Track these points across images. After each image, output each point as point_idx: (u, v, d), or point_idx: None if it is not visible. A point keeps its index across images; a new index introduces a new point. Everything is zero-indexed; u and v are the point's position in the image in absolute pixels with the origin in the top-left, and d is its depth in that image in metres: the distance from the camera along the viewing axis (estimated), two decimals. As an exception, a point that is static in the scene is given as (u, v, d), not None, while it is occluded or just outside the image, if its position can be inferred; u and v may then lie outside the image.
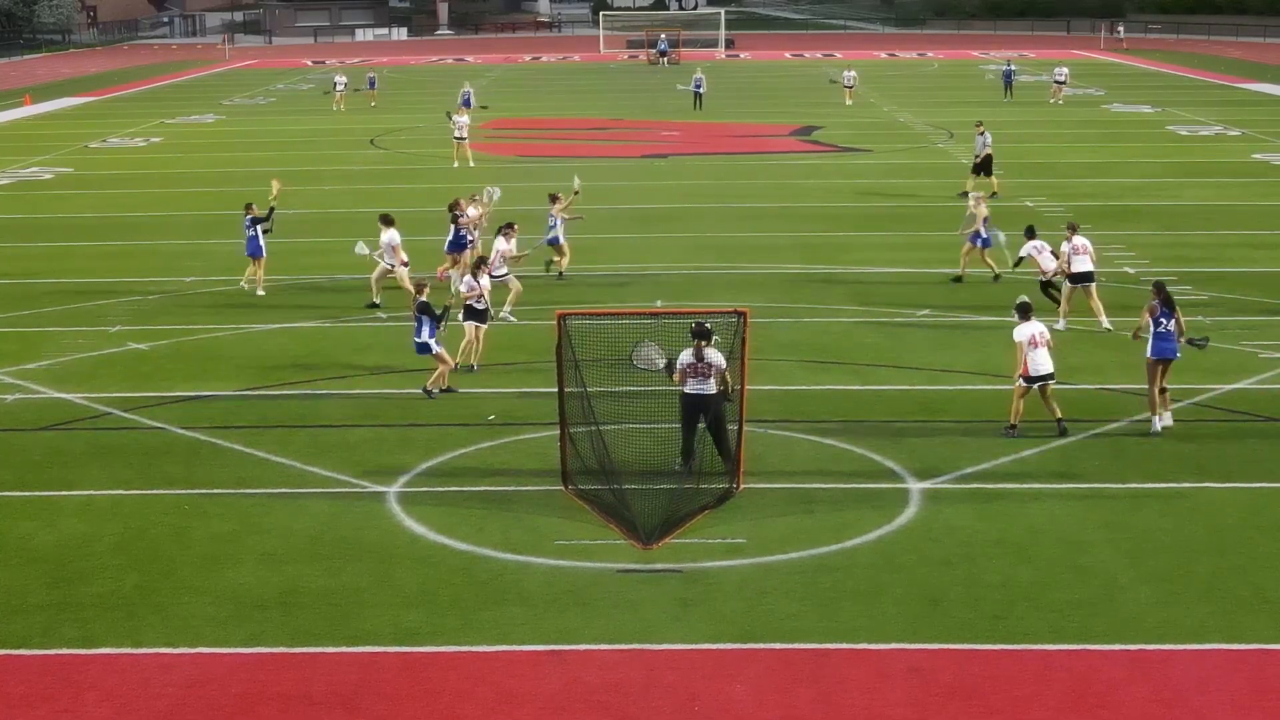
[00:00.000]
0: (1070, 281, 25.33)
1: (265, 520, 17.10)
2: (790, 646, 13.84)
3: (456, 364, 22.58)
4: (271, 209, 29.14)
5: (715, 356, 17.91)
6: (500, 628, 14.26)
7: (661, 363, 18.09)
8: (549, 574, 15.51)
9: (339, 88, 68.36)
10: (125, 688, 13.22)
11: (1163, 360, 19.91)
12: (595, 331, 19.18)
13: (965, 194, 39.22)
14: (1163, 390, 20.01)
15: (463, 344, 22.94)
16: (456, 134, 47.78)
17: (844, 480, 18.28)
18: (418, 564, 15.79)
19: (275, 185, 30.43)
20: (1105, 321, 25.19)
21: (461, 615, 14.56)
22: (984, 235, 28.48)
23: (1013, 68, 70.64)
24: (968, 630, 14.12)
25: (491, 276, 24.56)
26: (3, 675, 13.49)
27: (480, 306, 22.94)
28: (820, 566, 15.63)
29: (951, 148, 51.27)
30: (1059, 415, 19.81)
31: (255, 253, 28.55)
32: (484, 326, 23.10)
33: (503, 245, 26.30)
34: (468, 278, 23.08)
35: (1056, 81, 67.59)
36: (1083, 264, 25.19)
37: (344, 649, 13.89)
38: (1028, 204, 38.73)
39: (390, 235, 27.40)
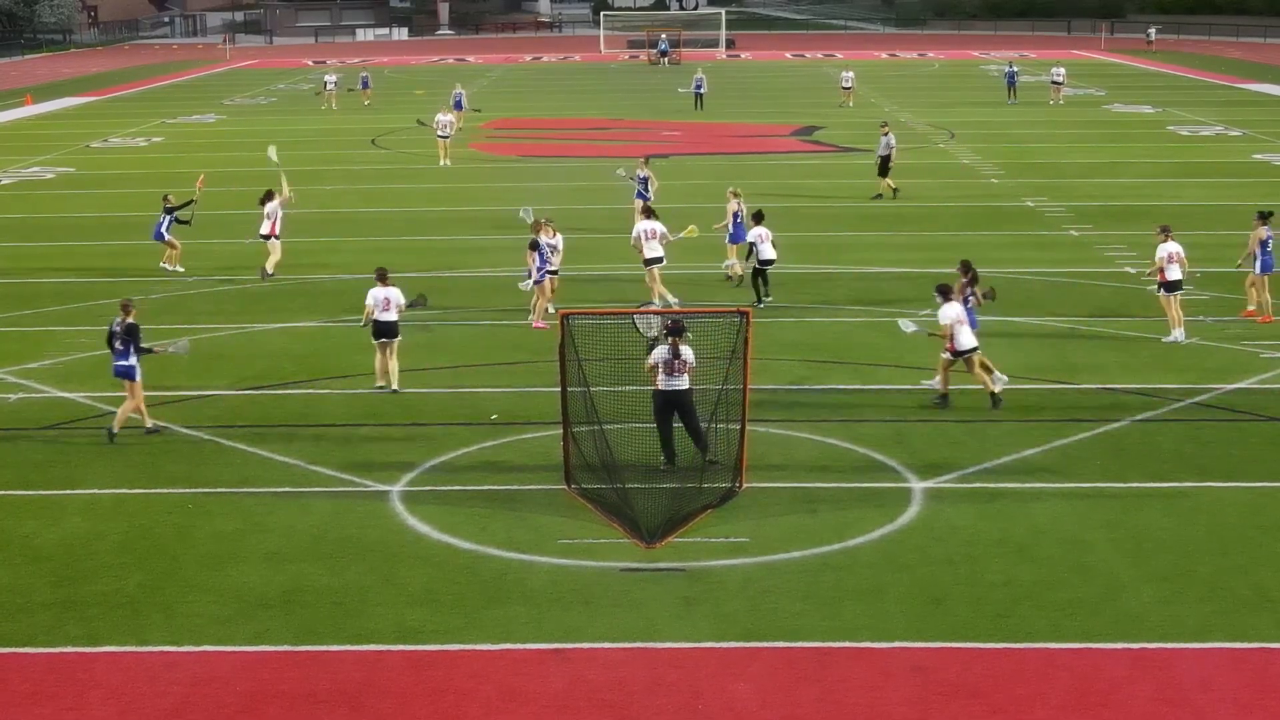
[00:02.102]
0: (1166, 290, 24.53)
1: (269, 519, 17.13)
2: (793, 645, 13.87)
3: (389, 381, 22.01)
4: (189, 202, 31.18)
5: (689, 353, 18.10)
6: (504, 626, 14.29)
7: (654, 333, 18.22)
8: (552, 573, 15.54)
9: (329, 87, 68.19)
10: (129, 686, 13.25)
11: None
12: (598, 331, 19.23)
13: (879, 196, 39.49)
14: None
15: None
16: (440, 133, 48.22)
17: (846, 479, 18.32)
18: (421, 563, 15.82)
19: (200, 180, 32.79)
20: (1178, 333, 24.54)
21: (465, 614, 14.59)
22: (732, 230, 28.86)
23: (1015, 69, 70.37)
24: (970, 629, 14.15)
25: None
26: (8, 673, 13.52)
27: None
28: (823, 565, 15.66)
29: (952, 148, 51.29)
30: (993, 389, 20.87)
31: (158, 238, 31.07)
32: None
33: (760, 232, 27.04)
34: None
35: (1054, 83, 67.56)
36: (1174, 272, 24.45)
37: (348, 647, 13.92)
38: (1029, 204, 38.77)
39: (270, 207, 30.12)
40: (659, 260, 27.01)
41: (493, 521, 16.94)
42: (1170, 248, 24.60)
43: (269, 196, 30.43)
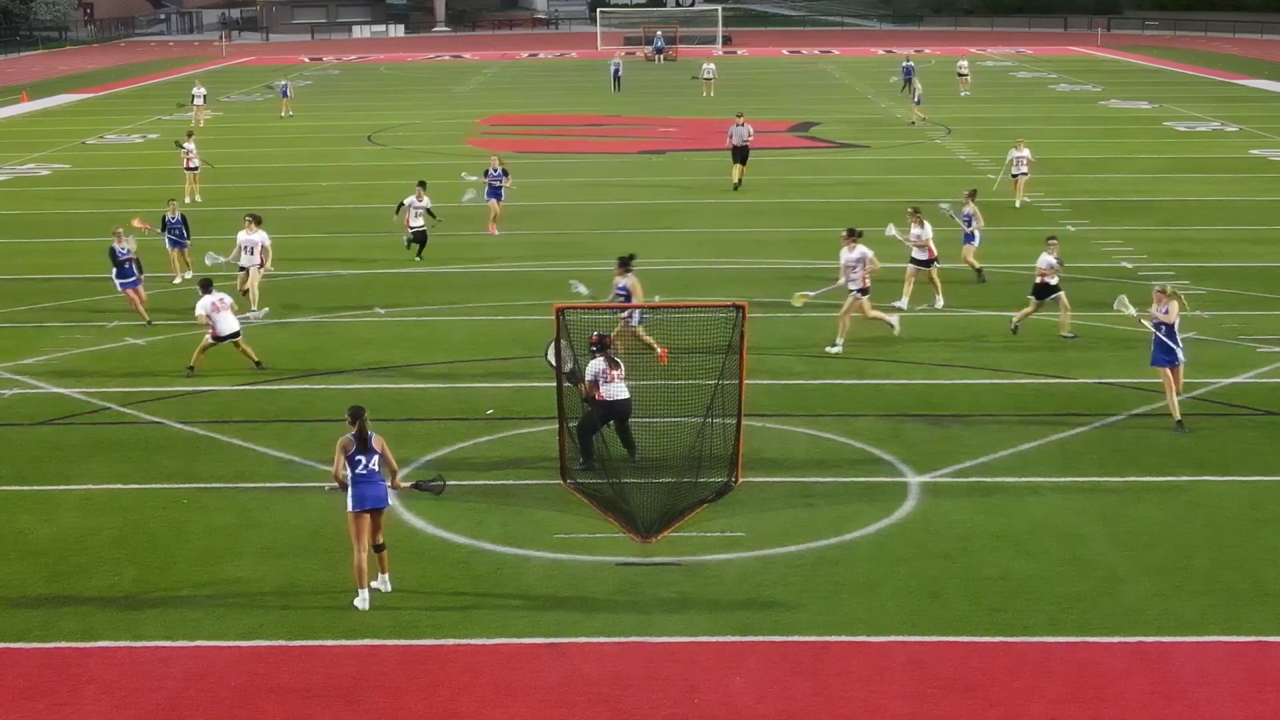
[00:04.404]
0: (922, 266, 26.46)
1: (264, 514, 17.10)
2: (789, 639, 13.84)
3: None
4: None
5: (620, 361, 18.17)
6: (499, 621, 14.26)
7: (569, 366, 17.99)
8: (548, 567, 15.51)
9: (286, 93, 65.70)
10: (124, 681, 13.21)
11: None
12: (593, 325, 19.19)
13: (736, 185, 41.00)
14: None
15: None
16: (188, 164, 40.19)
17: (842, 474, 18.28)
18: (417, 557, 15.78)
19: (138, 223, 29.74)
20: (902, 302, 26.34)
21: (460, 608, 14.56)
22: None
23: (912, 64, 70.75)
24: (967, 623, 14.12)
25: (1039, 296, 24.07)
26: (2, 668, 13.48)
27: None
28: (819, 559, 15.63)
29: (948, 143, 51.25)
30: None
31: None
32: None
33: (1048, 260, 24.09)
34: None
35: (959, 75, 68.99)
36: (920, 254, 26.40)
37: (343, 642, 13.89)
38: (1025, 199, 38.69)
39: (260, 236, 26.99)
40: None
41: (488, 516, 16.91)
42: (923, 231, 26.35)
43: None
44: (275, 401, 21.71)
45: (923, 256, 26.46)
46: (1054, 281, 24.25)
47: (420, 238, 31.32)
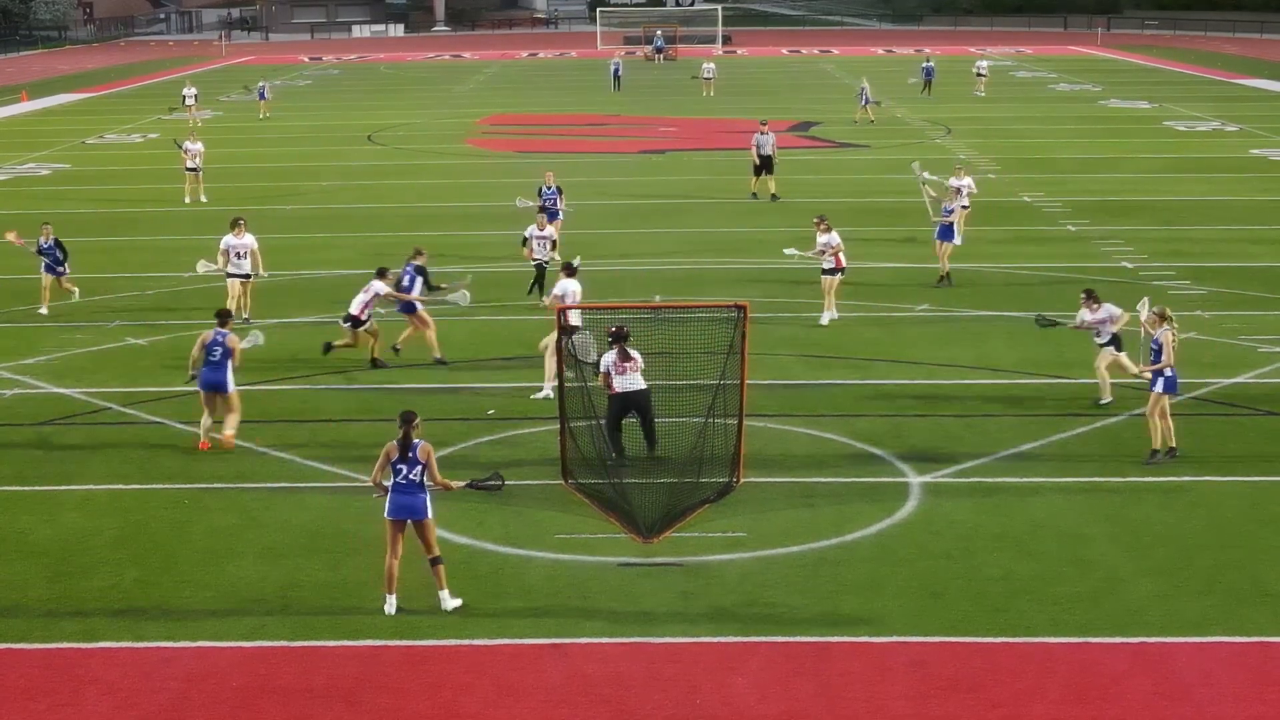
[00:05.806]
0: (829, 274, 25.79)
1: (265, 514, 17.09)
2: (791, 640, 13.83)
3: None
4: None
5: (637, 353, 18.23)
6: (501, 621, 14.26)
7: (593, 355, 18.14)
8: (550, 568, 15.51)
9: (263, 95, 64.83)
10: (126, 681, 13.20)
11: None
12: (594, 325, 19.19)
13: (754, 195, 39.26)
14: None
15: None
16: (189, 164, 40.41)
17: (844, 474, 18.28)
18: (418, 557, 15.72)
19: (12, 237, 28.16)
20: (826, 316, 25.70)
21: (462, 609, 14.54)
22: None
23: (932, 64, 70.52)
24: (969, 623, 14.12)
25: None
26: (3, 670, 13.47)
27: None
28: (820, 560, 15.63)
29: (949, 143, 51.25)
30: None
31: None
32: None
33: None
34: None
35: (978, 74, 69.65)
36: (829, 261, 25.70)
37: (345, 642, 13.88)
38: (1025, 199, 38.74)
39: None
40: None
41: (489, 516, 16.91)
42: (831, 239, 25.58)
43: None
44: (275, 401, 21.70)
45: (830, 265, 25.66)
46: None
47: (540, 272, 27.50)
